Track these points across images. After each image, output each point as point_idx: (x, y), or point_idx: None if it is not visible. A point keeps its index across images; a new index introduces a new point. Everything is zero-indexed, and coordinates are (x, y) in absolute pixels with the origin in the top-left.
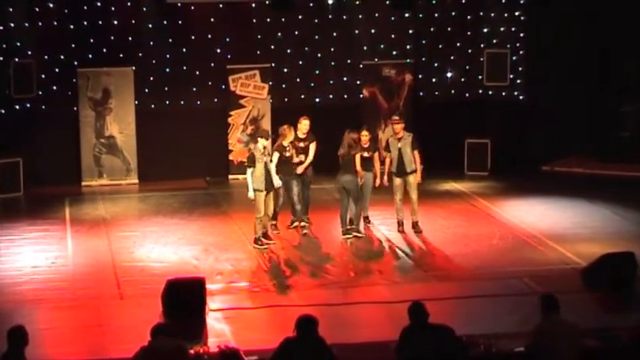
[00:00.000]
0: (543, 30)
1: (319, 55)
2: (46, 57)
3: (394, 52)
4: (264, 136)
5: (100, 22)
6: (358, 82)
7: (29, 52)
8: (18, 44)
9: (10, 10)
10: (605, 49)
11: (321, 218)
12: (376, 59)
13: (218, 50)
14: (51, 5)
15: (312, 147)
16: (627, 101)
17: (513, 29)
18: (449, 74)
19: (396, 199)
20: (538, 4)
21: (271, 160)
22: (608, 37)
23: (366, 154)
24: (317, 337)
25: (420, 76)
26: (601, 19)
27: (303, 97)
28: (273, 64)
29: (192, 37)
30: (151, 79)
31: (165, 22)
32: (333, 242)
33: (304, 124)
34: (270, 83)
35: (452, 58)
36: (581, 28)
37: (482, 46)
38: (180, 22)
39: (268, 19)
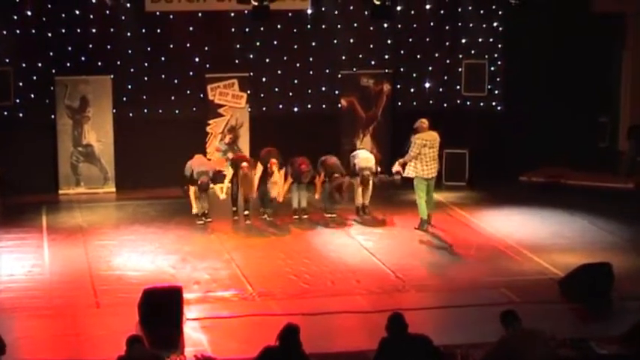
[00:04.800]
0: (521, 41)
1: (298, 64)
2: (23, 65)
3: (372, 62)
4: None
5: (79, 30)
6: (336, 92)
7: (7, 60)
8: None
9: None
10: (582, 60)
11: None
12: (354, 69)
13: (197, 59)
14: (29, 13)
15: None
16: (605, 112)
17: (491, 40)
18: (427, 84)
19: (357, 187)
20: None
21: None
22: (585, 48)
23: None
24: (298, 347)
25: (399, 86)
26: (578, 30)
27: (281, 106)
28: (251, 74)
29: (171, 46)
30: (129, 87)
31: (143, 31)
32: (311, 251)
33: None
34: (249, 92)
35: (430, 68)
36: (558, 39)
37: (460, 56)
38: (158, 30)
39: (247, 29)
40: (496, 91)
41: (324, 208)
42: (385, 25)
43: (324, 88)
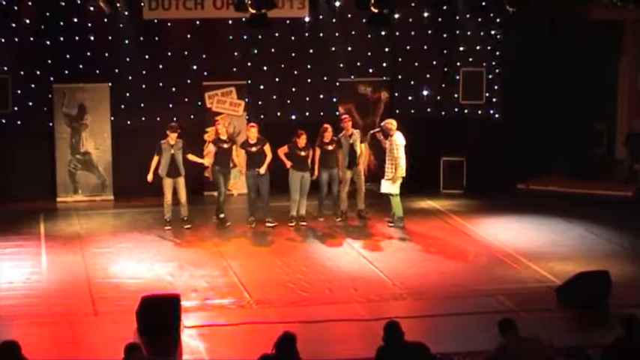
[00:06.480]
0: (519, 48)
1: (295, 72)
2: (22, 72)
3: (370, 70)
4: (174, 130)
5: (77, 38)
6: (334, 100)
7: (5, 68)
8: None
9: None
10: (579, 67)
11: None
12: (352, 77)
13: (194, 67)
14: (27, 21)
15: (267, 148)
16: (602, 119)
17: (489, 48)
18: (425, 92)
19: (343, 190)
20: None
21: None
22: (582, 55)
23: (303, 154)
24: (295, 356)
25: (396, 94)
26: (575, 37)
27: (279, 114)
28: (249, 81)
29: (169, 54)
30: (127, 95)
31: (141, 39)
32: (309, 259)
33: (252, 132)
34: (247, 100)
35: (428, 76)
36: (556, 47)
37: (458, 64)
38: (156, 38)
39: (245, 36)
40: (494, 99)
41: (335, 213)
42: (383, 33)
43: (321, 96)
